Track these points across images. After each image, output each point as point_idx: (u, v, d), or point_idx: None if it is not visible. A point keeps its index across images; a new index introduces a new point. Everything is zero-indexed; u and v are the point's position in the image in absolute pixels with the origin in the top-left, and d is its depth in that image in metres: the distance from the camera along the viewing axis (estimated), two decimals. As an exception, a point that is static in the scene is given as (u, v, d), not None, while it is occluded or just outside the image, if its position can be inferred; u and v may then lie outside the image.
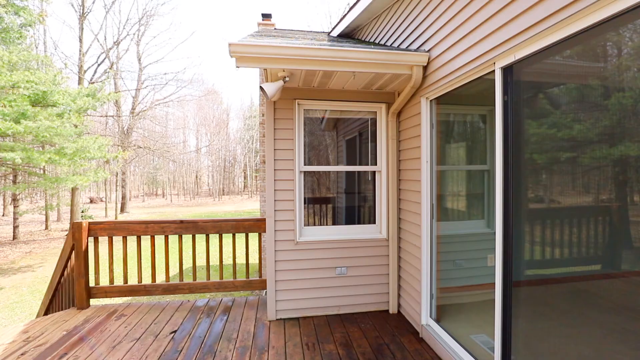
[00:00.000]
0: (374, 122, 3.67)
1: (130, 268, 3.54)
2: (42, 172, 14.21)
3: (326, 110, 3.65)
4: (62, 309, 3.60)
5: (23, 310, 8.57)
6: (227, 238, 3.73)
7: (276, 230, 3.25)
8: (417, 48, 2.99)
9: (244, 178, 50.96)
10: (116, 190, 23.94)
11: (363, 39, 4.50)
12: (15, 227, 17.07)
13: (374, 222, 3.63)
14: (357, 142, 3.98)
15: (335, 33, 5.08)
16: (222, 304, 3.57)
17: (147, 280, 3.57)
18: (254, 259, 11.56)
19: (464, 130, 3.31)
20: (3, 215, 22.99)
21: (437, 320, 2.89)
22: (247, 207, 31.15)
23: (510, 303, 1.99)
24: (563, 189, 1.80)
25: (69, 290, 3.60)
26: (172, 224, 3.61)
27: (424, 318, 2.96)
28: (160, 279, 3.66)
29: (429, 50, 2.83)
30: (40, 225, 21.05)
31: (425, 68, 2.88)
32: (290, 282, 3.30)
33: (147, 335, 2.90)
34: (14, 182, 16.35)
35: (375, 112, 3.62)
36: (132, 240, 3.50)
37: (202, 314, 3.33)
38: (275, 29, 6.82)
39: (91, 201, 35.04)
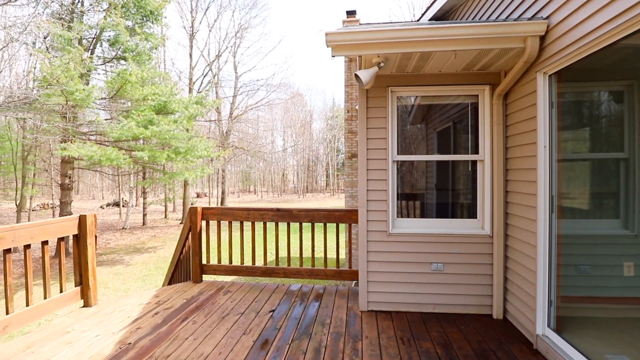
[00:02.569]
0: (474, 107, 3.34)
1: (233, 250, 3.92)
2: (162, 169, 16.92)
3: (418, 96, 3.47)
4: (181, 282, 4.21)
5: (150, 282, 10.34)
6: (318, 229, 3.86)
7: (368, 220, 3.22)
8: (531, 17, 2.60)
9: (326, 177, 52.45)
10: (217, 187, 27.15)
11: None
12: (144, 215, 20.72)
13: (474, 217, 3.31)
14: (452, 130, 3.68)
15: (425, 19, 4.80)
16: (314, 291, 3.69)
17: (247, 262, 3.91)
18: (342, 250, 11.76)
19: (592, 110, 2.77)
20: (135, 205, 28.21)
21: (557, 332, 2.48)
22: (329, 204, 31.91)
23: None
24: None
25: (186, 265, 4.18)
26: (269, 211, 3.89)
27: (539, 327, 2.57)
28: (259, 262, 3.96)
29: (547, 17, 2.43)
30: (161, 215, 25.15)
31: (542, 38, 2.49)
32: (382, 274, 3.23)
33: (249, 311, 3.18)
34: (144, 178, 19.84)
35: (477, 95, 3.28)
36: (235, 227, 3.93)
37: (296, 297, 3.50)
38: (360, 24, 6.79)
39: (198, 196, 40.53)
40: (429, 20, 4.76)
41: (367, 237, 3.22)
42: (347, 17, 9.83)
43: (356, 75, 2.68)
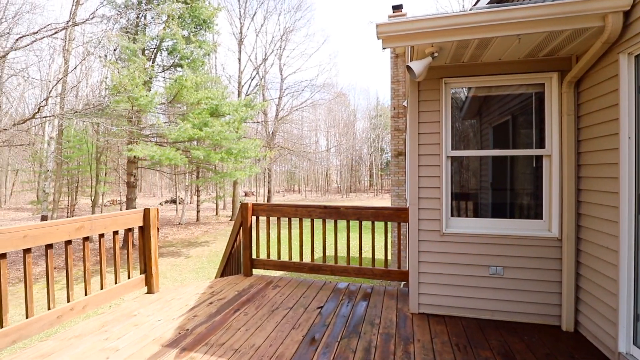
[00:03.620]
0: (539, 97, 3.04)
1: (281, 246, 3.99)
2: (214, 168, 17.92)
3: (472, 88, 3.25)
4: (232, 274, 4.39)
5: (203, 273, 10.98)
6: (365, 228, 3.80)
7: (420, 219, 3.08)
8: (614, -9, 2.29)
9: (369, 176, 51.77)
10: (263, 186, 28.10)
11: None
12: (197, 212, 22.10)
13: (539, 217, 3.02)
14: (510, 124, 3.39)
15: (482, 4, 4.49)
16: (361, 290, 3.64)
17: (295, 258, 3.97)
18: (390, 249, 11.51)
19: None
20: (190, 203, 30.24)
21: (646, 350, 2.16)
22: (373, 204, 31.43)
23: None
24: None
25: (237, 259, 4.35)
26: (317, 208, 3.91)
27: (622, 344, 2.26)
28: (305, 259, 4.00)
29: (633, -10, 2.13)
30: (212, 212, 26.63)
31: (627, 14, 2.18)
32: (435, 275, 3.07)
33: (298, 306, 3.22)
34: (197, 177, 21.16)
35: (542, 83, 2.99)
36: (283, 224, 4.01)
37: (344, 296, 3.47)
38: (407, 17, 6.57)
39: (245, 194, 42.29)
40: (487, 4, 4.45)
41: (418, 237, 3.09)
42: (394, 12, 9.57)
43: (408, 67, 2.58)
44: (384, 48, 2.51)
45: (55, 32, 10.26)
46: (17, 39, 10.35)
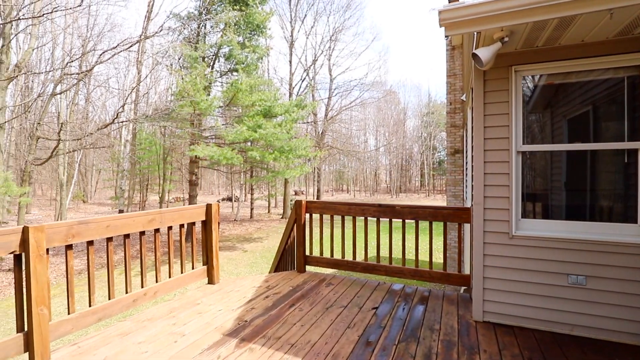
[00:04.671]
0: (632, 81, 2.63)
1: (334, 244, 3.98)
2: (266, 167, 18.60)
3: (543, 76, 2.90)
4: (286, 270, 4.48)
5: (257, 268, 11.45)
6: (421, 229, 3.61)
7: (485, 220, 2.84)
8: None
9: (421, 176, 49.78)
10: (313, 185, 28.50)
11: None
12: (251, 210, 23.15)
13: (631, 221, 2.60)
14: (591, 114, 2.97)
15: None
16: (418, 292, 3.47)
17: (347, 257, 3.93)
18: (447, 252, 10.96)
19: None
20: (244, 200, 31.78)
21: None
22: (425, 204, 30.12)
23: None
24: None
25: (291, 255, 4.44)
26: (371, 207, 3.83)
27: None
28: (358, 258, 3.94)
29: None
30: (264, 209, 27.69)
31: None
32: (502, 282, 2.81)
33: (352, 305, 3.17)
34: (251, 176, 22.14)
35: (638, 65, 2.57)
36: (336, 222, 3.99)
37: (400, 297, 3.35)
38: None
39: (295, 193, 43.33)
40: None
41: (483, 239, 2.85)
42: (450, 1, 9.06)
43: (474, 55, 2.39)
44: (446, 36, 2.35)
45: (130, 46, 11.44)
46: (100, 54, 11.74)
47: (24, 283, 2.18)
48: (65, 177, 20.42)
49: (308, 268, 4.32)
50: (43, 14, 9.03)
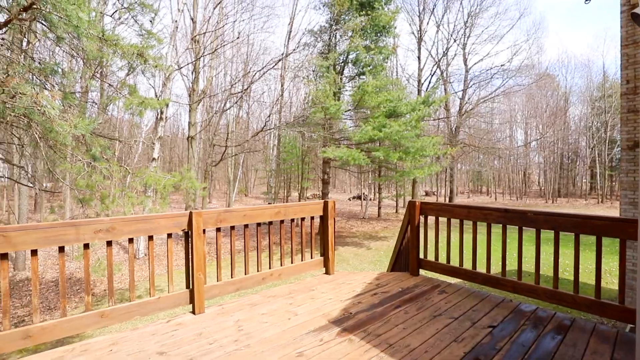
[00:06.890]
0: None
1: (450, 251, 3.72)
2: (394, 167, 18.47)
3: None
4: (400, 271, 4.43)
5: (379, 266, 11.59)
6: (564, 242, 2.87)
7: (657, 236, 2.12)
8: None
9: (590, 177, 39.10)
10: (445, 186, 26.49)
11: None
12: (379, 208, 23.48)
13: None
14: None
15: None
16: (554, 319, 2.87)
17: (466, 266, 3.60)
18: (606, 275, 8.62)
19: None
20: (372, 199, 32.38)
21: None
22: (592, 214, 23.66)
23: None
24: None
25: (405, 256, 4.35)
26: (495, 211, 3.38)
27: None
28: (479, 268, 3.56)
29: None
30: (392, 209, 27.51)
31: None
32: (688, 324, 2.03)
33: (464, 318, 2.90)
34: (379, 175, 22.39)
35: None
36: (454, 227, 3.66)
37: (527, 321, 2.85)
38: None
39: (426, 194, 41.24)
40: None
41: (654, 262, 2.13)
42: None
43: (634, 15, 1.83)
44: None
45: (274, 65, 13.43)
46: (254, 74, 14.22)
47: (190, 253, 2.97)
48: (232, 176, 25.80)
49: (422, 272, 4.14)
50: (216, 49, 11.64)
